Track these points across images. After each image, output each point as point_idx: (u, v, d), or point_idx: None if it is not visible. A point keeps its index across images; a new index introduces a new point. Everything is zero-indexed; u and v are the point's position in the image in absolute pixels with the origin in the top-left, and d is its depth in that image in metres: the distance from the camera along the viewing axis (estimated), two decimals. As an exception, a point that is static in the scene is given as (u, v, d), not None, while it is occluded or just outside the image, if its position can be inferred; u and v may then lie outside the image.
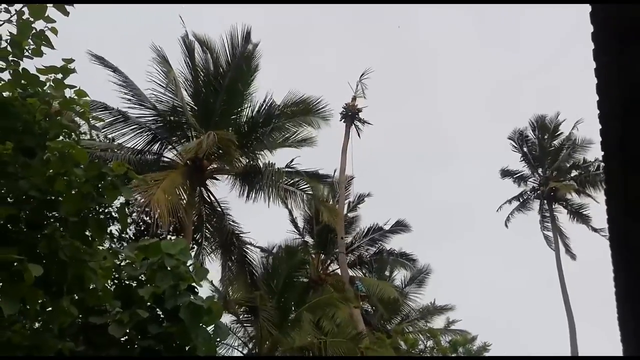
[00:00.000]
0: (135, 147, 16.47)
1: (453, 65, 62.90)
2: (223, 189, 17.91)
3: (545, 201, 30.91)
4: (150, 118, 16.75)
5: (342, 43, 58.03)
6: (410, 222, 24.80)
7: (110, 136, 16.30)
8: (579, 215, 30.13)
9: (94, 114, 14.37)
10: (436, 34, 63.52)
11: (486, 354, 22.57)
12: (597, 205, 28.62)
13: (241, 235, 17.58)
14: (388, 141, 56.42)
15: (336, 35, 61.60)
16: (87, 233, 4.12)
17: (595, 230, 29.18)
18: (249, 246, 17.79)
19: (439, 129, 63.07)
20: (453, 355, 21.19)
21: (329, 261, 23.78)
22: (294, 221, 23.82)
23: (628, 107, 3.35)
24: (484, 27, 62.60)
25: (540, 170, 31.73)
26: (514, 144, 32.21)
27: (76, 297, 4.01)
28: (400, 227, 24.74)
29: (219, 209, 17.51)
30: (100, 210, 4.41)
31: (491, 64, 62.20)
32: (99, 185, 4.04)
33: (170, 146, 17.07)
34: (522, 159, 32.10)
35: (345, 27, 65.04)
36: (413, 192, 58.98)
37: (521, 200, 31.79)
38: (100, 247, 4.73)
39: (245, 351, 17.91)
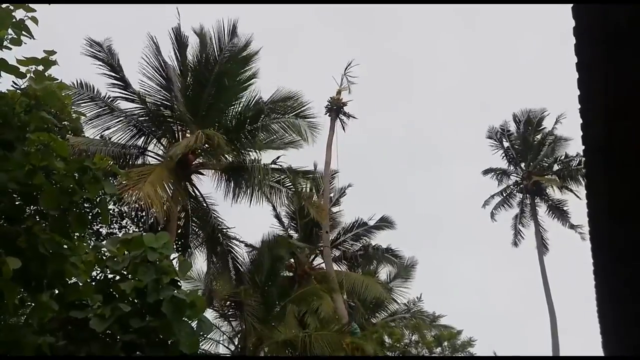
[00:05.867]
0: (120, 141, 16.32)
1: (439, 65, 63.30)
2: (208, 184, 17.85)
3: (528, 195, 31.21)
4: (137, 111, 16.59)
5: (331, 45, 58.03)
6: (397, 219, 24.92)
7: (94, 129, 16.14)
8: (558, 210, 30.51)
9: (78, 107, 14.32)
10: (423, 36, 63.86)
11: (471, 350, 22.88)
12: (575, 202, 29.22)
13: (226, 230, 17.53)
14: (376, 139, 56.71)
15: (325, 36, 61.53)
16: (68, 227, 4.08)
17: (572, 226, 29.66)
18: (233, 241, 17.76)
19: (428, 128, 63.54)
20: (443, 352, 21.47)
21: (313, 256, 23.83)
22: (277, 216, 23.80)
23: (611, 112, 3.37)
24: (472, 29, 63.09)
25: (523, 165, 32.02)
26: (493, 141, 32.53)
27: (56, 292, 3.98)
28: (384, 223, 24.83)
29: (204, 204, 17.43)
30: (83, 204, 4.37)
31: (478, 64, 62.75)
32: (81, 178, 4.00)
33: (155, 140, 16.93)
34: (503, 156, 32.39)
35: (333, 28, 65.11)
36: (400, 189, 59.32)
37: (504, 195, 32.06)
38: (86, 243, 4.69)
39: (230, 346, 17.90)
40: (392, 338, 21.36)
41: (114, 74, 16.02)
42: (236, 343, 17.75)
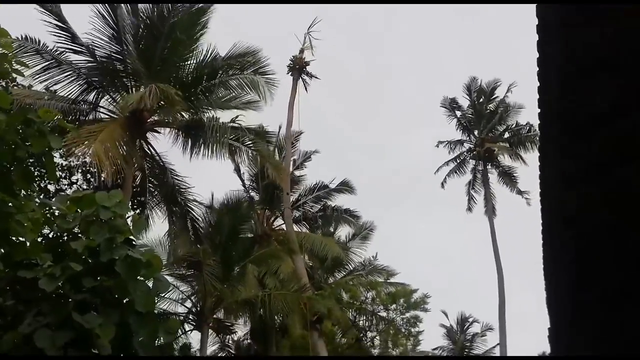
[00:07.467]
0: (69, 96, 15.48)
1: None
2: (166, 142, 17.33)
3: (480, 161, 32.19)
4: (86, 64, 15.70)
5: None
6: (358, 183, 25.21)
7: (42, 83, 15.21)
8: (507, 176, 31.68)
9: (21, 58, 13.34)
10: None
11: (425, 307, 23.89)
12: (524, 169, 30.46)
13: (184, 189, 17.22)
14: (342, 104, 56.37)
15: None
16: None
17: (520, 192, 31.03)
18: (192, 200, 17.49)
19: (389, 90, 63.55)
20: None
21: (274, 217, 23.90)
22: (240, 176, 23.57)
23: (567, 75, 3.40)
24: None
25: (476, 132, 32.88)
26: (447, 110, 33.19)
27: (2, 251, 3.81)
28: (344, 187, 25.12)
29: (161, 163, 16.98)
30: (27, 159, 4.15)
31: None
32: (24, 132, 3.77)
33: (107, 95, 16.16)
34: (457, 125, 33.17)
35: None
36: (363, 154, 59.73)
37: (458, 162, 32.88)
38: (32, 201, 4.47)
39: (188, 305, 17.96)
40: (348, 295, 22.05)
41: (57, 23, 14.98)
42: (194, 302, 17.82)
